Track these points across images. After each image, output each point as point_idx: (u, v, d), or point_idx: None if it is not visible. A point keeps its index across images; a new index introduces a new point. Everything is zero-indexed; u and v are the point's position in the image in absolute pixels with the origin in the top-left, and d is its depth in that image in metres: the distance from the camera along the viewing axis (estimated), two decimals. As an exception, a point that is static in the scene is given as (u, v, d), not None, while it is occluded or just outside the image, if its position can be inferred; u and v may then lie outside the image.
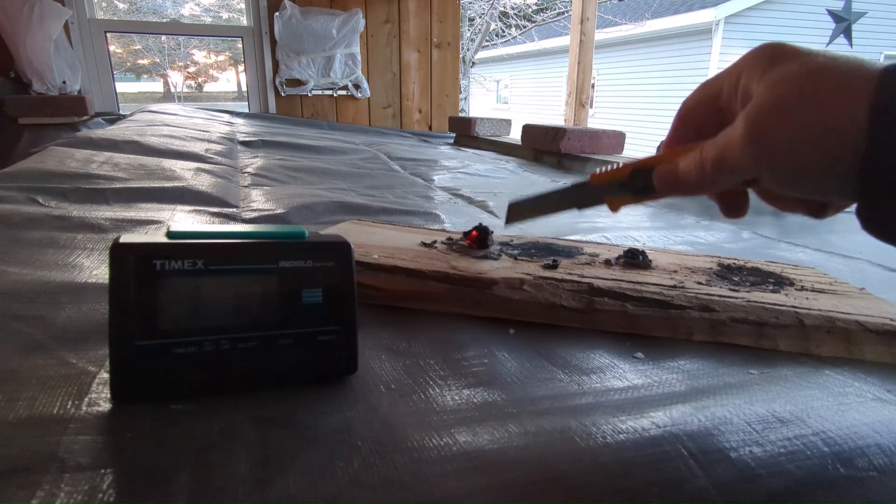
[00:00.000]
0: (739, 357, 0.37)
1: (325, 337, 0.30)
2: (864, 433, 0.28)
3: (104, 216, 0.67)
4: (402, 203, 0.87)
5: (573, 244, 0.55)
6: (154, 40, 12.60)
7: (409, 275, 0.44)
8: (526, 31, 10.06)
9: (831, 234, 0.79)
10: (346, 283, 0.31)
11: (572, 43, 2.81)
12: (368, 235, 0.55)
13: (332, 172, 1.13)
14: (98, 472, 0.23)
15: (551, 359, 0.36)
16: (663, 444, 0.26)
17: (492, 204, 0.90)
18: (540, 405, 0.30)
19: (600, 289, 0.41)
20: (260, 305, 0.29)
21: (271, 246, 0.29)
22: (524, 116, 9.32)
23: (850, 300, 0.42)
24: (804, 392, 0.32)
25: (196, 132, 1.45)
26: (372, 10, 2.57)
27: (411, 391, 0.31)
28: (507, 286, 0.42)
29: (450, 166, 1.35)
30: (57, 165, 0.89)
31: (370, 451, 0.25)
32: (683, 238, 0.72)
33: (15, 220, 0.63)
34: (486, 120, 1.97)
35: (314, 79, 2.49)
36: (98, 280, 0.47)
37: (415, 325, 0.41)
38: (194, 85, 14.81)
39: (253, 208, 0.78)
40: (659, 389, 0.32)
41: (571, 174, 1.33)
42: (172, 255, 0.27)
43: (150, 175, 0.90)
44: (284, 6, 2.36)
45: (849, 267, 0.61)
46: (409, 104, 2.77)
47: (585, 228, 0.76)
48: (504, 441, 0.26)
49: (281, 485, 0.23)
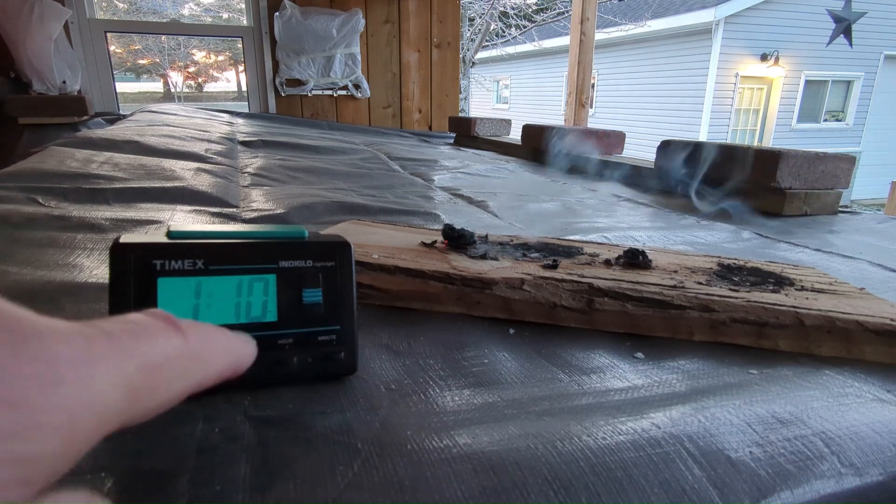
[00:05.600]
0: (739, 357, 0.37)
1: (325, 337, 0.30)
2: (864, 433, 0.28)
3: (104, 216, 0.67)
4: (402, 203, 0.87)
5: (573, 244, 0.55)
6: (154, 40, 12.61)
7: (409, 275, 0.44)
8: (526, 31, 10.06)
9: (831, 234, 0.79)
10: (346, 283, 0.31)
11: (572, 43, 2.81)
12: (368, 235, 0.55)
13: (332, 172, 1.13)
14: (98, 475, 0.23)
15: (551, 359, 0.36)
16: (663, 444, 0.26)
17: (492, 204, 0.90)
18: (540, 406, 0.30)
19: (600, 289, 0.41)
20: (260, 305, 0.29)
21: (271, 246, 0.29)
22: (524, 116, 9.32)
23: (850, 300, 0.42)
24: (804, 392, 0.32)
25: (196, 132, 1.45)
26: (372, 10, 2.57)
27: (411, 391, 0.31)
28: (507, 286, 0.42)
29: (450, 166, 1.35)
30: (57, 165, 0.89)
31: (370, 454, 0.25)
32: (683, 238, 0.72)
33: (15, 220, 0.63)
34: (486, 120, 1.97)
35: (314, 79, 2.49)
36: (98, 280, 0.47)
37: (415, 325, 0.41)
38: (194, 85, 14.81)
39: (253, 208, 0.78)
40: (659, 390, 0.32)
41: (572, 174, 1.33)
42: (172, 255, 0.27)
43: (150, 175, 0.90)
44: (284, 6, 2.36)
45: (849, 267, 0.61)
46: (409, 104, 2.77)
47: (585, 228, 0.76)
48: (504, 442, 0.26)
49: (281, 489, 0.23)
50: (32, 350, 0.13)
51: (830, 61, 7.87)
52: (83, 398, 0.13)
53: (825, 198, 0.91)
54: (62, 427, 0.13)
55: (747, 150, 0.90)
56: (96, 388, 0.14)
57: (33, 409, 0.12)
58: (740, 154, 0.91)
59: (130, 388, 0.15)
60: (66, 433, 0.13)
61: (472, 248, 0.50)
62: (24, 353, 0.13)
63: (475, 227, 0.68)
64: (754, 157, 0.89)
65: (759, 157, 0.88)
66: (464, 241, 0.51)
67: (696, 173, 1.01)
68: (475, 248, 0.51)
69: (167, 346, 0.17)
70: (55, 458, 0.13)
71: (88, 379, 0.14)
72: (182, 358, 0.17)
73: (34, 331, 0.13)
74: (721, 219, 0.85)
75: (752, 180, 0.90)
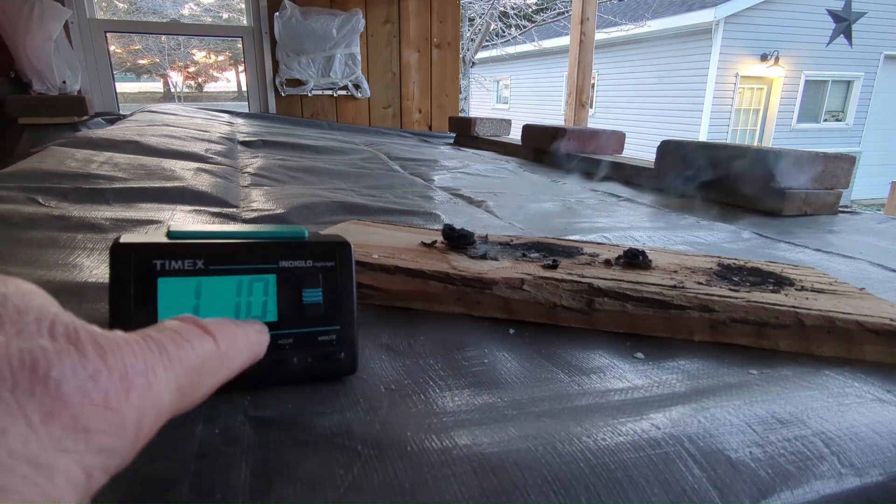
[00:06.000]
0: (739, 357, 0.37)
1: (325, 337, 0.30)
2: (864, 434, 0.28)
3: (104, 216, 0.67)
4: (402, 203, 0.87)
5: (573, 244, 0.55)
6: (154, 40, 12.61)
7: (409, 275, 0.44)
8: (526, 31, 10.06)
9: (831, 234, 0.79)
10: (346, 283, 0.31)
11: (572, 43, 2.81)
12: (368, 235, 0.55)
13: (332, 172, 1.13)
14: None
15: (551, 359, 0.36)
16: (663, 445, 0.26)
17: (492, 204, 0.90)
18: (540, 406, 0.30)
19: (600, 289, 0.41)
20: (260, 305, 0.29)
21: (271, 246, 0.29)
22: (524, 116, 9.32)
23: (850, 300, 0.42)
24: (804, 392, 0.32)
25: (196, 132, 1.45)
26: (372, 10, 2.57)
27: (411, 392, 0.31)
28: (507, 286, 0.42)
29: (450, 166, 1.35)
30: (57, 165, 0.89)
31: (370, 456, 0.25)
32: (683, 238, 0.72)
33: (15, 220, 0.63)
34: (486, 120, 1.97)
35: (314, 79, 2.49)
36: (98, 280, 0.47)
37: (415, 325, 0.41)
38: (194, 85, 14.82)
39: (253, 208, 0.78)
40: (659, 390, 0.32)
41: (571, 174, 1.33)
42: (172, 255, 0.27)
43: (150, 175, 0.90)
44: (284, 6, 2.36)
45: (849, 267, 0.61)
46: (409, 104, 2.77)
47: (585, 228, 0.76)
48: (504, 444, 0.26)
49: (281, 494, 0.23)
50: (112, 361, 0.16)
51: (830, 61, 7.87)
52: (147, 399, 0.16)
53: (825, 198, 0.91)
54: (134, 424, 0.16)
55: (747, 150, 0.90)
56: (155, 391, 0.17)
57: (118, 410, 0.15)
58: (740, 154, 0.91)
59: (179, 388, 0.18)
60: (135, 429, 0.16)
61: (472, 248, 0.50)
62: (110, 363, 0.16)
63: (475, 227, 0.68)
64: (754, 157, 0.89)
65: (759, 156, 0.88)
66: (464, 241, 0.51)
67: (695, 173, 1.01)
68: (475, 248, 0.51)
69: (203, 349, 0.20)
70: (126, 450, 0.16)
71: (151, 384, 0.17)
72: (215, 359, 0.20)
73: (112, 345, 0.16)
74: (721, 218, 0.85)
75: (752, 180, 0.90)
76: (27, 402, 0.13)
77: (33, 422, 0.13)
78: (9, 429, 0.13)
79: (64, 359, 0.15)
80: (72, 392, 0.14)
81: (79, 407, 0.14)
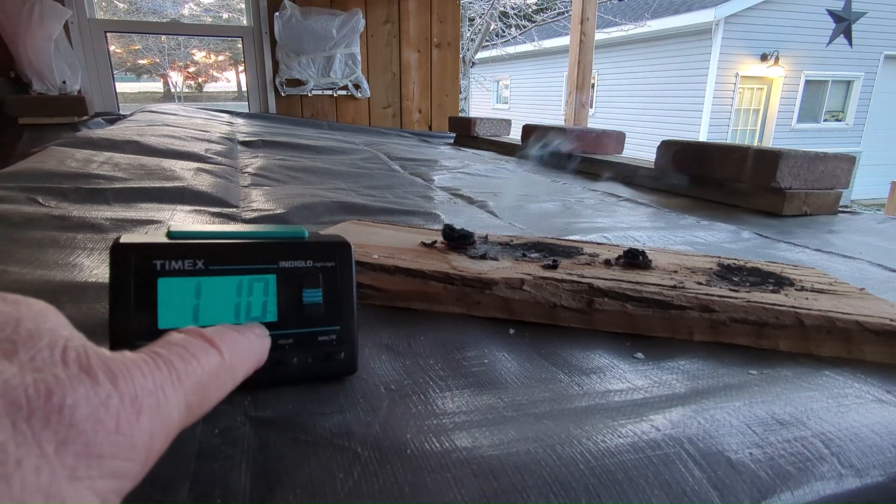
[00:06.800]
0: (739, 357, 0.37)
1: (325, 337, 0.30)
2: (864, 434, 0.28)
3: (104, 216, 0.67)
4: (402, 203, 0.87)
5: (573, 244, 0.55)
6: (154, 40, 12.61)
7: (409, 275, 0.44)
8: (526, 31, 10.06)
9: (831, 234, 0.79)
10: (346, 283, 0.31)
11: (572, 43, 2.81)
12: (368, 235, 0.54)
13: (332, 172, 1.13)
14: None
15: (551, 359, 0.36)
16: (663, 446, 0.26)
17: (492, 204, 0.90)
18: (540, 407, 0.30)
19: (600, 289, 0.41)
20: (260, 305, 0.29)
21: (271, 246, 0.29)
22: (524, 116, 9.32)
23: (850, 300, 0.42)
24: (804, 393, 0.32)
25: (196, 132, 1.45)
26: (372, 10, 2.57)
27: (411, 392, 0.31)
28: (507, 286, 0.42)
29: (450, 166, 1.35)
30: (57, 165, 0.89)
31: (370, 459, 0.25)
32: (683, 238, 0.72)
33: (15, 220, 0.63)
34: (486, 120, 1.97)
35: (314, 79, 2.49)
36: (98, 280, 0.47)
37: (415, 325, 0.41)
38: (194, 85, 14.82)
39: (253, 208, 0.78)
40: (659, 390, 0.32)
41: (572, 174, 1.33)
42: (172, 255, 0.27)
43: (150, 175, 0.90)
44: (284, 6, 2.36)
45: (849, 267, 0.61)
46: (409, 104, 2.77)
47: (585, 228, 0.76)
48: (504, 445, 0.26)
49: (281, 497, 0.23)
50: (122, 385, 0.16)
51: (830, 61, 7.88)
52: (157, 420, 0.17)
53: (825, 198, 0.91)
54: (145, 445, 0.16)
55: (747, 150, 0.90)
56: (165, 410, 0.17)
57: (129, 434, 0.15)
58: (740, 154, 0.91)
59: (188, 405, 0.19)
60: (146, 450, 0.16)
61: (472, 249, 0.50)
62: (121, 387, 0.16)
63: (475, 227, 0.68)
64: (754, 157, 0.89)
65: (759, 156, 0.88)
66: (464, 241, 0.51)
67: (694, 173, 1.01)
68: (475, 248, 0.51)
69: (210, 364, 0.20)
70: (137, 471, 0.16)
71: (160, 404, 0.17)
72: (221, 372, 0.21)
73: (122, 368, 0.16)
74: (720, 218, 0.84)
75: (752, 180, 0.90)
76: (42, 431, 0.14)
77: (47, 452, 0.13)
78: (23, 460, 0.13)
79: (77, 386, 0.15)
80: (84, 419, 0.14)
81: (91, 434, 0.14)
